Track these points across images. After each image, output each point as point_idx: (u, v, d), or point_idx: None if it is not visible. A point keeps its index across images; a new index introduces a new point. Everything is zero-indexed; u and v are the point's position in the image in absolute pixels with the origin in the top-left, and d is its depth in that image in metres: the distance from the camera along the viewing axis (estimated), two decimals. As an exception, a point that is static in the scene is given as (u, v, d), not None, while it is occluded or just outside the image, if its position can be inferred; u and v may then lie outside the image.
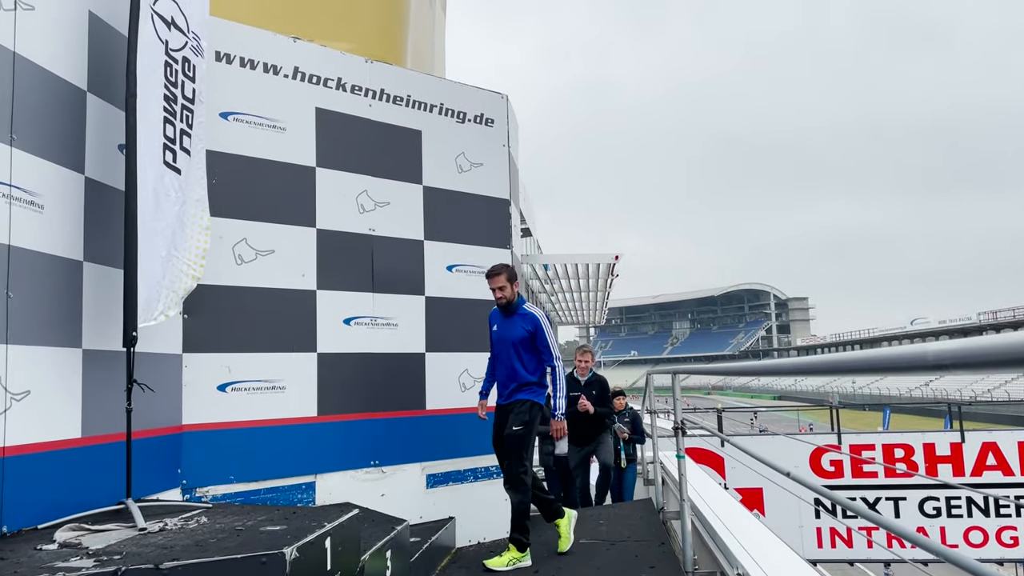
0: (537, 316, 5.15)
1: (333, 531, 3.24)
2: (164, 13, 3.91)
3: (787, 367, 2.56)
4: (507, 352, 5.15)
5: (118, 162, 3.76)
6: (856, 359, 1.77)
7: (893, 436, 12.87)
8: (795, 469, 3.38)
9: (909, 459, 12.30)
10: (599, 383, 8.02)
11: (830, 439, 12.56)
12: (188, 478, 4.47)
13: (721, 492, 6.29)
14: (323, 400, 5.19)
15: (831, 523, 12.08)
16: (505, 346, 5.16)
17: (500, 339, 5.20)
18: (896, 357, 1.46)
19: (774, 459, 3.60)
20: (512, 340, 5.13)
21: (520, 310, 5.17)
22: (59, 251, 3.42)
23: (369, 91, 5.71)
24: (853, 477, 12.31)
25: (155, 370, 4.11)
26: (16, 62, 3.20)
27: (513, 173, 6.78)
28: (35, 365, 3.23)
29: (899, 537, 2.13)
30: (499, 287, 5.12)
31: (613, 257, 13.66)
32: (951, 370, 1.24)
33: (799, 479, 3.27)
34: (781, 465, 3.41)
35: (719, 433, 7.77)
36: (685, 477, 4.85)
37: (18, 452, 3.12)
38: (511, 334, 5.14)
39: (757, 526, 4.83)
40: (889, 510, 12.06)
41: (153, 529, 3.21)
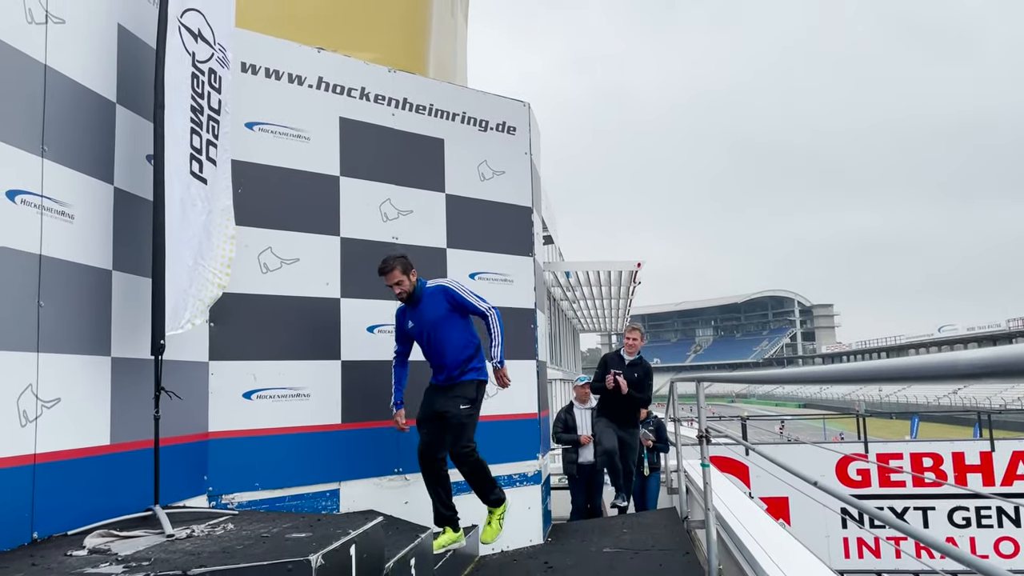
0: (443, 284, 5.00)
1: (358, 538, 3.25)
2: (191, 25, 3.96)
3: (814, 375, 2.53)
4: (432, 339, 4.95)
5: (146, 172, 3.81)
6: (887, 367, 1.75)
7: (921, 445, 12.70)
8: (821, 478, 3.34)
9: (938, 468, 12.12)
10: (643, 368, 7.59)
11: (857, 448, 12.41)
12: (214, 485, 4.50)
13: (746, 501, 6.23)
14: (347, 408, 5.21)
15: (858, 533, 11.92)
16: (427, 334, 4.96)
17: (420, 331, 4.99)
18: (927, 365, 1.44)
19: (800, 468, 3.56)
20: (432, 323, 4.93)
21: (425, 292, 4.96)
22: (89, 260, 3.47)
23: (392, 100, 5.75)
24: (880, 486, 12.15)
25: (182, 378, 4.15)
26: (47, 75, 3.26)
27: (535, 181, 6.79)
28: (66, 373, 3.28)
29: (928, 547, 2.09)
30: (396, 283, 4.89)
31: (635, 264, 13.63)
32: (984, 379, 1.23)
33: (826, 488, 3.23)
34: (807, 474, 3.37)
35: (744, 442, 7.69)
36: (710, 486, 4.81)
37: (49, 459, 3.16)
38: (428, 317, 4.93)
39: (783, 535, 4.79)
40: (918, 520, 11.88)
41: (181, 536, 3.23)
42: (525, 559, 5.65)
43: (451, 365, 4.96)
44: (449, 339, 4.93)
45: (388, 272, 4.86)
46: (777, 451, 12.76)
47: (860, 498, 5.61)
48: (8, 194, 3.00)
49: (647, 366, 7.65)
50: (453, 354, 4.93)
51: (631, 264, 13.71)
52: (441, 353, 4.95)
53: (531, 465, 6.25)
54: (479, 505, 5.88)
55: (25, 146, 3.10)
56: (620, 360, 7.56)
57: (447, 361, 4.95)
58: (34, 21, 3.19)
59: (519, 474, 6.16)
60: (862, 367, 2.01)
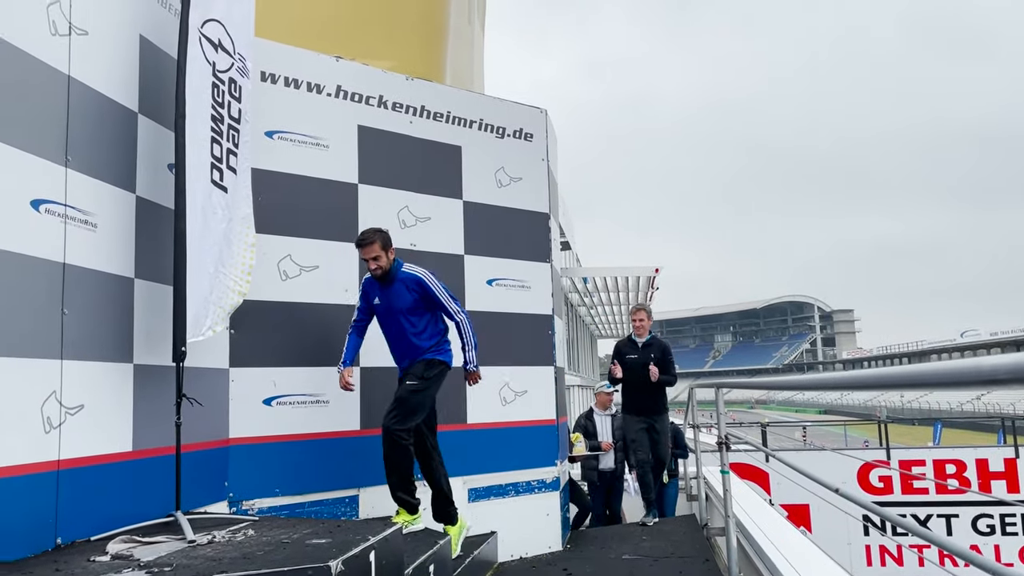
0: (420, 276, 4.75)
1: (377, 545, 3.26)
2: (211, 35, 4.01)
3: (835, 381, 2.50)
4: (396, 325, 4.75)
5: (168, 181, 3.85)
6: (908, 374, 1.73)
7: (944, 451, 12.57)
8: (843, 485, 3.31)
9: (961, 475, 11.99)
10: (659, 347, 7.16)
11: (879, 454, 12.30)
12: (235, 491, 4.53)
13: (767, 508, 6.19)
14: (366, 414, 5.23)
15: (881, 540, 11.80)
16: (393, 318, 4.75)
17: (385, 311, 4.76)
18: (950, 372, 1.42)
19: (820, 474, 3.53)
20: (399, 310, 4.72)
21: (400, 275, 4.72)
22: (111, 268, 3.51)
23: (410, 108, 5.78)
24: (903, 493, 12.03)
25: (203, 384, 4.18)
26: (71, 86, 3.31)
27: (552, 187, 6.79)
28: (89, 380, 3.32)
29: (952, 555, 2.07)
30: (373, 257, 4.63)
31: (653, 270, 13.56)
32: (1009, 384, 1.21)
33: (848, 495, 3.21)
34: (828, 481, 3.35)
35: (764, 448, 7.64)
36: (730, 493, 4.78)
37: (72, 465, 3.20)
38: (396, 303, 4.72)
39: (804, 543, 4.75)
40: (941, 527, 11.74)
41: (202, 541, 3.26)
42: (544, 566, 5.64)
43: (406, 356, 4.78)
44: (415, 329, 4.73)
45: (367, 245, 4.62)
46: (798, 458, 12.66)
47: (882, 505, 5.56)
48: (33, 203, 3.05)
49: (663, 344, 7.24)
50: (417, 343, 4.73)
51: (649, 270, 13.63)
52: (403, 341, 4.76)
53: (549, 472, 6.24)
54: (498, 509, 5.87)
55: (49, 156, 3.15)
56: (633, 344, 7.19)
57: (408, 350, 4.75)
58: (58, 33, 3.24)
59: (537, 480, 6.15)
60: (884, 373, 1.99)
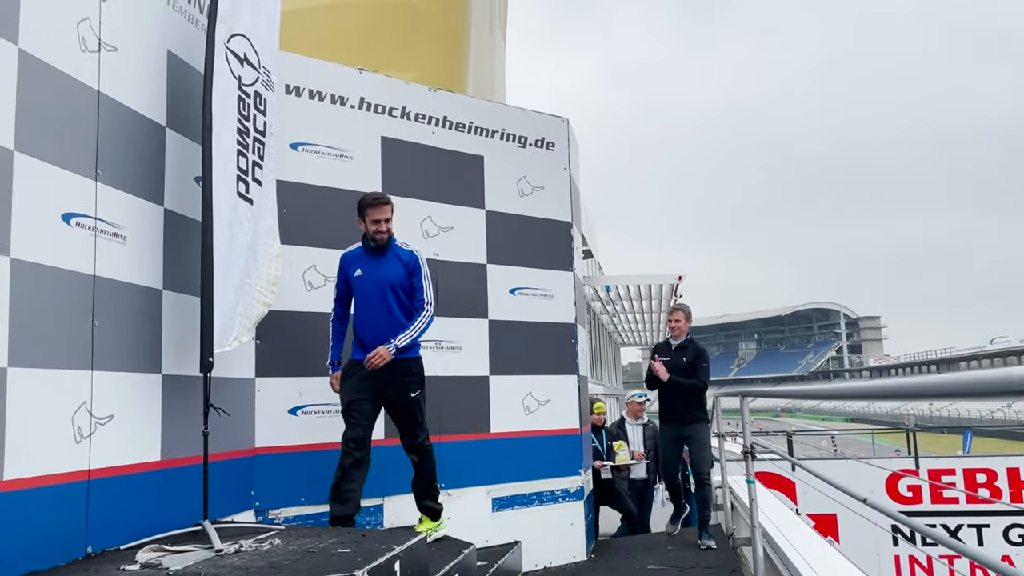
0: (416, 252, 4.56)
1: (402, 554, 3.27)
2: (237, 50, 4.07)
3: (862, 390, 2.48)
4: (381, 297, 4.42)
5: (195, 194, 3.91)
6: (937, 384, 1.71)
7: (975, 460, 12.36)
8: (871, 495, 3.28)
9: (992, 484, 11.78)
10: (693, 350, 6.54)
11: (907, 463, 12.12)
12: (261, 500, 4.57)
13: (793, 518, 6.13)
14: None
15: (910, 551, 11.62)
16: (378, 290, 4.43)
17: (370, 283, 4.44)
18: (980, 381, 1.41)
19: (848, 484, 3.50)
20: (388, 282, 4.43)
21: (393, 246, 4.51)
22: (140, 280, 3.57)
23: (432, 119, 5.82)
24: (932, 503, 11.84)
25: (230, 394, 4.22)
26: (100, 101, 3.37)
27: (574, 195, 6.80)
28: (118, 391, 3.37)
29: (983, 566, 2.05)
30: (385, 219, 4.43)
31: (676, 278, 13.52)
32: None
33: (876, 505, 3.17)
34: (856, 490, 3.31)
35: (790, 457, 7.56)
36: (756, 502, 4.75)
37: (103, 475, 3.24)
38: (386, 275, 4.44)
39: (832, 553, 4.70)
40: (972, 538, 11.54)
41: (229, 551, 3.29)
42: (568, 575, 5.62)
43: (384, 335, 4.38)
44: (403, 306, 4.47)
45: (384, 204, 4.44)
46: (824, 467, 12.53)
47: (911, 515, 5.47)
48: (64, 217, 3.10)
49: (698, 347, 6.66)
50: (392, 324, 4.41)
51: (672, 277, 13.59)
52: (389, 318, 4.41)
53: (573, 481, 6.22)
54: (522, 518, 5.86)
55: (80, 170, 3.20)
56: (667, 346, 6.69)
57: (391, 327, 4.40)
58: (88, 49, 3.30)
59: (561, 490, 6.14)
60: (912, 383, 1.98)
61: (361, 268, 4.47)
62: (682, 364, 6.41)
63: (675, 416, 6.45)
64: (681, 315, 6.66)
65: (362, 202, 4.47)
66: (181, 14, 4.05)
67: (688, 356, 6.48)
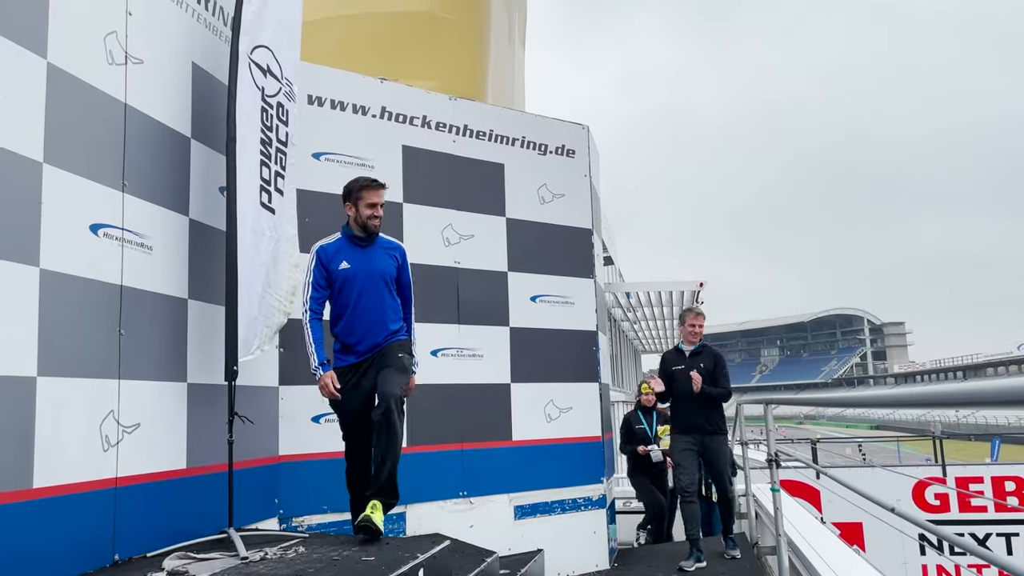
0: (401, 245, 4.27)
1: (426, 562, 3.27)
2: (260, 61, 4.11)
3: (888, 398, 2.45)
4: (375, 292, 4.03)
5: (219, 204, 3.95)
6: (964, 391, 1.69)
7: (1003, 468, 12.19)
8: (897, 503, 3.24)
9: (1021, 492, 11.59)
10: (711, 355, 6.10)
11: (934, 471, 11.96)
12: (285, 508, 4.59)
13: (819, 527, 6.06)
14: (412, 431, 5.26)
15: (938, 560, 11.46)
16: (372, 283, 4.03)
17: (361, 275, 4.02)
18: (1008, 389, 1.39)
19: (873, 492, 3.46)
20: (381, 274, 4.06)
21: (380, 239, 4.15)
22: (166, 290, 3.60)
23: (453, 127, 5.84)
24: (960, 511, 11.69)
25: (254, 402, 4.25)
26: (127, 113, 3.41)
27: (595, 202, 6.79)
28: (145, 399, 3.40)
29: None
30: (380, 205, 4.07)
31: (697, 284, 13.45)
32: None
33: (904, 514, 3.13)
34: (883, 499, 3.27)
35: (815, 465, 7.48)
36: (781, 511, 4.70)
37: (130, 483, 3.27)
38: (379, 266, 4.07)
39: (859, 563, 4.64)
40: (1001, 547, 11.36)
41: (254, 558, 3.30)
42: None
43: (379, 333, 4.04)
44: (394, 302, 4.13)
45: (381, 188, 4.10)
46: (850, 475, 12.39)
47: (939, 524, 5.39)
48: (92, 228, 3.15)
49: (714, 351, 6.20)
50: (387, 320, 4.06)
51: (693, 284, 13.53)
52: (382, 315, 4.05)
53: (595, 489, 6.19)
54: (544, 526, 5.83)
55: (107, 182, 3.25)
56: (679, 353, 6.18)
57: (382, 325, 4.04)
58: (114, 62, 3.35)
59: (584, 498, 6.11)
60: (937, 391, 1.95)
61: (348, 260, 4.03)
62: (701, 372, 5.92)
63: (694, 426, 5.94)
64: (702, 320, 6.24)
65: (356, 184, 4.08)
66: (205, 26, 4.10)
67: (707, 363, 6.00)
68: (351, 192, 4.07)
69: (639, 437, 7.78)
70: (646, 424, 7.82)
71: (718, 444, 5.95)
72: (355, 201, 4.05)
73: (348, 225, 4.12)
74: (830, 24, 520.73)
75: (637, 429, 7.85)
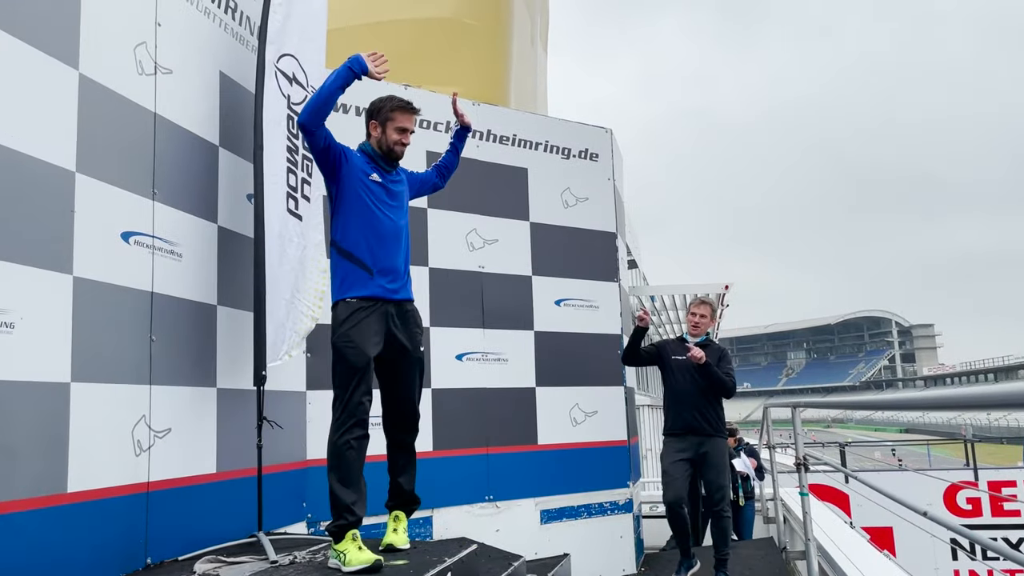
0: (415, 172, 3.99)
1: (454, 566, 3.28)
2: (286, 69, 4.15)
3: (918, 401, 2.42)
4: (400, 222, 3.67)
5: (247, 211, 3.99)
6: (995, 393, 1.67)
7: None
8: (928, 507, 3.20)
9: (1056, 496, 11.40)
10: (716, 351, 5.42)
11: (966, 475, 11.79)
12: (313, 512, 4.62)
13: (848, 531, 6.00)
14: (438, 435, 5.28)
15: (971, 565, 11.29)
16: (397, 211, 3.67)
17: (389, 196, 3.64)
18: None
19: (904, 496, 3.42)
20: (404, 200, 3.79)
21: (401, 169, 3.84)
22: (196, 296, 3.65)
23: (476, 133, 5.86)
24: (993, 516, 11.52)
25: (282, 407, 4.29)
26: (157, 122, 3.46)
27: (619, 206, 6.79)
28: (176, 404, 3.45)
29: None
30: (410, 132, 3.73)
31: (723, 287, 13.34)
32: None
33: (936, 518, 3.09)
34: (914, 503, 3.23)
35: (844, 468, 7.40)
36: (809, 515, 4.66)
37: (161, 487, 3.32)
38: (402, 191, 3.77)
39: (890, 567, 4.59)
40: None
41: (284, 562, 3.33)
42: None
43: (405, 271, 3.68)
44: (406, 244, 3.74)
45: (416, 114, 3.75)
46: (879, 478, 12.24)
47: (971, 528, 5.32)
48: (123, 235, 3.20)
49: (720, 347, 5.55)
50: (407, 257, 3.74)
51: (718, 287, 13.39)
52: (403, 251, 3.68)
53: (622, 493, 6.18)
54: (571, 531, 5.82)
55: (138, 190, 3.30)
56: (682, 344, 5.48)
57: (406, 266, 3.68)
58: (144, 72, 3.41)
59: (610, 502, 6.10)
60: (968, 393, 1.93)
61: (378, 173, 3.63)
62: None
63: (690, 427, 5.26)
64: (708, 309, 5.53)
65: (389, 104, 3.64)
66: (232, 35, 4.15)
67: (711, 356, 5.27)
68: (380, 111, 3.65)
69: None
70: None
71: (714, 448, 5.27)
72: (383, 121, 3.63)
73: (368, 143, 3.70)
74: (855, 18, 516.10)
75: None
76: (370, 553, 3.23)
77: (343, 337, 3.39)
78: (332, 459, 3.35)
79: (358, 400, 3.36)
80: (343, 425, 3.35)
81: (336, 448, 3.34)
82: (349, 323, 3.41)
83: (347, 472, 3.35)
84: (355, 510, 3.33)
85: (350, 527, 3.28)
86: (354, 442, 3.35)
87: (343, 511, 3.30)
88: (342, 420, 3.35)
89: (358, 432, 3.36)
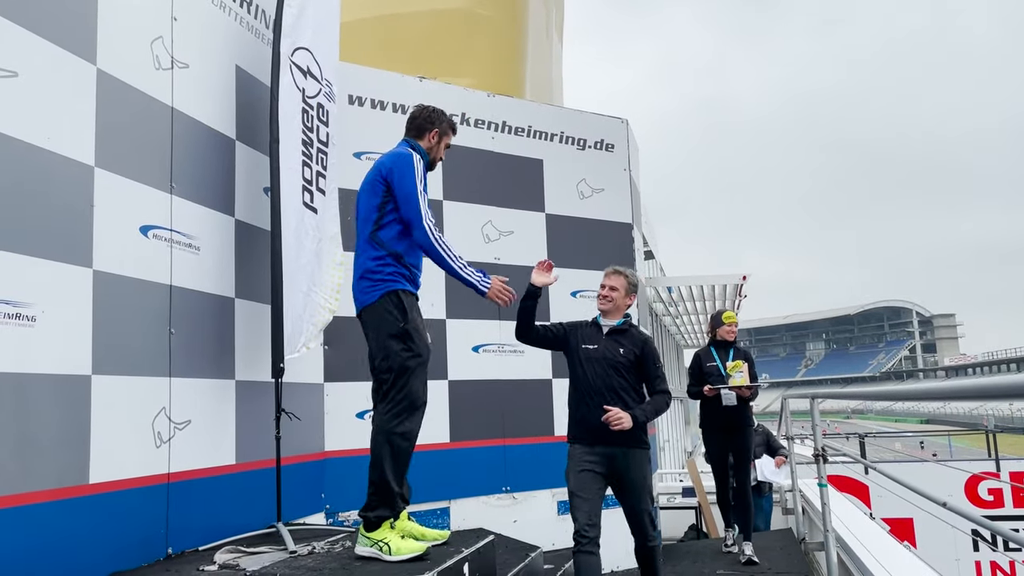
0: None
1: (471, 557, 3.30)
2: (301, 63, 4.16)
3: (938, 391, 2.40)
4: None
5: (263, 204, 4.02)
6: (1017, 383, 1.64)
7: (1060, 462, 11.83)
8: (949, 498, 3.17)
9: (1079, 487, 11.27)
10: (638, 342, 4.25)
11: (987, 466, 11.67)
12: (331, 502, 4.65)
13: (868, 522, 5.96)
14: (455, 426, 5.30)
15: (992, 556, 11.18)
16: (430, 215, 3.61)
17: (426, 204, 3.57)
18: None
19: (925, 487, 3.39)
20: None
21: None
22: (214, 289, 3.68)
23: (492, 124, 5.86)
24: (1015, 507, 11.39)
25: (300, 399, 4.32)
26: (174, 116, 3.49)
27: (635, 196, 6.76)
28: (195, 396, 3.48)
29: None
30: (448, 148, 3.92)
31: (740, 277, 13.26)
32: None
33: (957, 509, 3.06)
34: (935, 494, 3.20)
35: (863, 460, 7.35)
36: (828, 506, 4.63)
37: (181, 478, 3.35)
38: None
39: (910, 559, 4.55)
40: (1059, 543, 11.04)
41: (302, 552, 3.36)
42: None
43: None
44: None
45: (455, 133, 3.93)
46: (899, 470, 12.16)
47: (993, 519, 5.25)
48: (142, 229, 3.23)
49: (640, 334, 4.38)
50: None
51: (736, 277, 13.33)
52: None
53: (639, 484, 6.16)
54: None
55: (156, 184, 3.32)
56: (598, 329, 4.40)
57: None
58: (161, 67, 3.43)
59: (627, 493, 6.08)
60: (989, 383, 1.90)
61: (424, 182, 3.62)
62: (619, 356, 4.14)
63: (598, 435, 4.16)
64: (622, 281, 4.35)
65: (446, 120, 3.85)
66: (248, 29, 4.17)
67: (631, 345, 4.20)
68: (440, 122, 3.80)
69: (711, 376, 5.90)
70: (719, 361, 5.93)
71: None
72: (440, 136, 3.79)
73: (421, 146, 3.76)
74: (877, 4, 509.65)
75: (708, 367, 6.00)
76: (415, 542, 3.23)
77: (413, 323, 3.41)
78: (387, 447, 3.31)
79: (420, 389, 3.41)
80: (405, 413, 3.34)
81: (396, 437, 3.32)
82: (414, 312, 3.47)
83: (404, 462, 3.37)
84: (399, 501, 3.35)
85: (391, 517, 3.28)
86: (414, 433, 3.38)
87: (390, 500, 3.28)
88: (404, 408, 3.34)
89: (420, 422, 3.40)
